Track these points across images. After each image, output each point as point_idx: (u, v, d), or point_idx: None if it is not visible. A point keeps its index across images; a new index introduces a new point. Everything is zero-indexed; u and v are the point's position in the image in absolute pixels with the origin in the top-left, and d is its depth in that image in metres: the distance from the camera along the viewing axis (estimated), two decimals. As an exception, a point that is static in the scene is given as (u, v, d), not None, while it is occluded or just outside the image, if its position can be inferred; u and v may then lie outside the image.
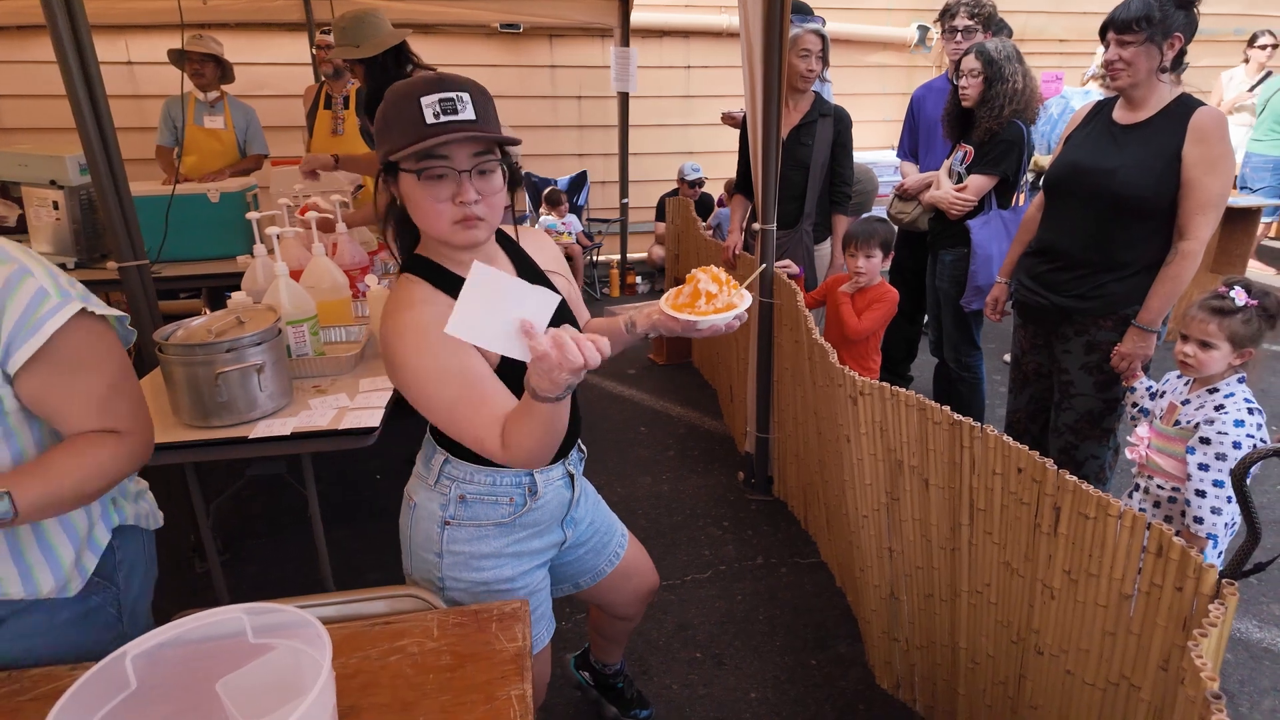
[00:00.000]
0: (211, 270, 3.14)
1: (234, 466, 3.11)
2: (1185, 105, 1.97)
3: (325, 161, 2.92)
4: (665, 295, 1.23)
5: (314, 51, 3.91)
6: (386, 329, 1.14)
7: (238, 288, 2.20)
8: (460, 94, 1.08)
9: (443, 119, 1.07)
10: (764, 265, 1.51)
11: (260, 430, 1.77)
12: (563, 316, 1.35)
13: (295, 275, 2.21)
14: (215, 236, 3.19)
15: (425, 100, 1.06)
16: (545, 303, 0.94)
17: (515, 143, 1.13)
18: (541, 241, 1.41)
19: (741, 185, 3.18)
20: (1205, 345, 1.70)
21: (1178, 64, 1.99)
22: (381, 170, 1.14)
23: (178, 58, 3.67)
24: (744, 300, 1.18)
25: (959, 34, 3.11)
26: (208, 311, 2.14)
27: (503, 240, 1.33)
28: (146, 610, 1.26)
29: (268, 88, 4.87)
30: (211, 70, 3.85)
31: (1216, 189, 1.94)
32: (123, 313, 1.12)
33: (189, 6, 4.25)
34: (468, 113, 1.08)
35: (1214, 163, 1.92)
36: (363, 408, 1.88)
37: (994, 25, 3.17)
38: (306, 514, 2.02)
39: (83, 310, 1.03)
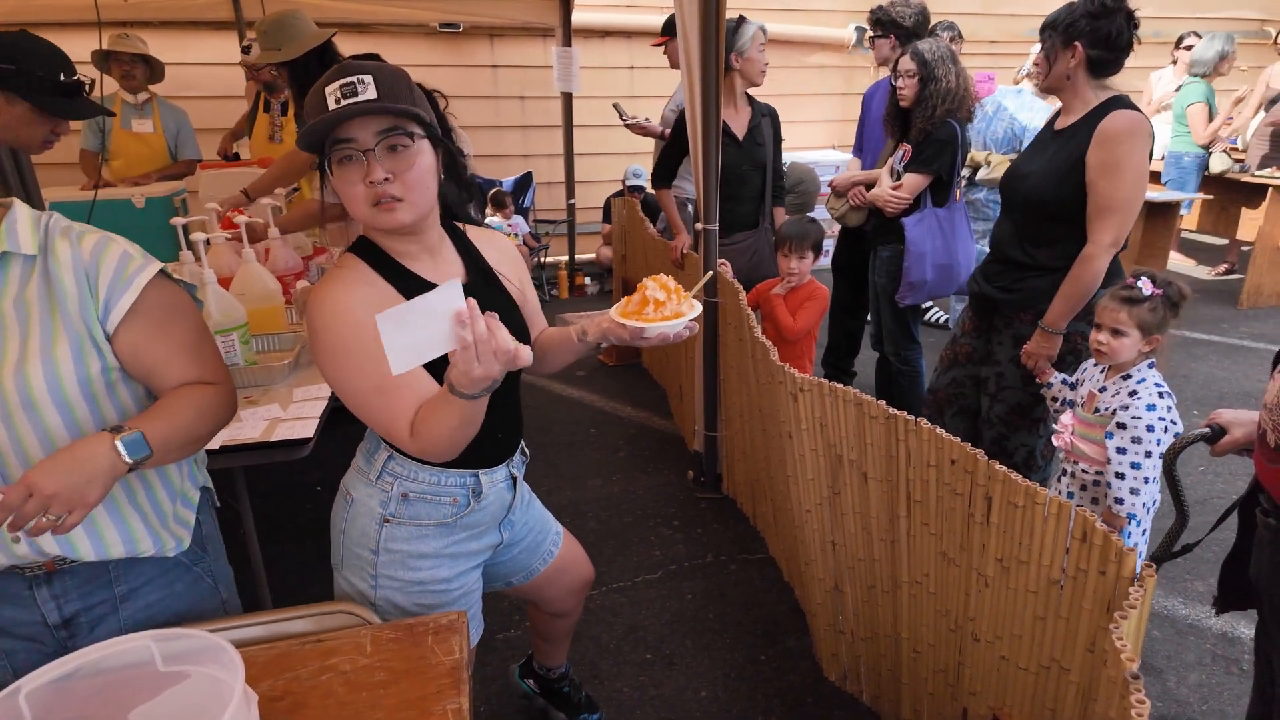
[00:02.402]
0: (137, 279, 3.01)
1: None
2: (1104, 111, 1.99)
3: (237, 200, 2.84)
4: (615, 305, 1.23)
5: (244, 67, 3.80)
6: (313, 298, 1.14)
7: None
8: (361, 77, 1.07)
9: (343, 103, 1.06)
10: (710, 272, 1.49)
11: (187, 445, 1.70)
12: (512, 321, 1.32)
13: (225, 282, 2.14)
14: (141, 244, 3.04)
15: (329, 89, 1.07)
16: (453, 293, 0.91)
17: (416, 117, 1.11)
18: (497, 243, 1.39)
19: (667, 178, 3.17)
20: (1116, 333, 1.78)
21: (1100, 71, 2.02)
22: (319, 167, 1.15)
23: (102, 60, 3.51)
24: (693, 309, 1.18)
25: (874, 41, 3.23)
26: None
27: (454, 234, 1.32)
28: (232, 580, 1.37)
29: (196, 89, 4.69)
30: (142, 71, 3.69)
31: (1113, 193, 1.95)
32: (191, 283, 1.21)
33: (109, 4, 4.07)
34: (368, 93, 1.07)
35: (1109, 167, 1.94)
36: (296, 418, 1.82)
37: (903, 33, 3.23)
38: (240, 531, 1.95)
39: (162, 271, 1.13)
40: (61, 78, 1.68)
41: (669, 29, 3.98)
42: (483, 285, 1.30)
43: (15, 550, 1.05)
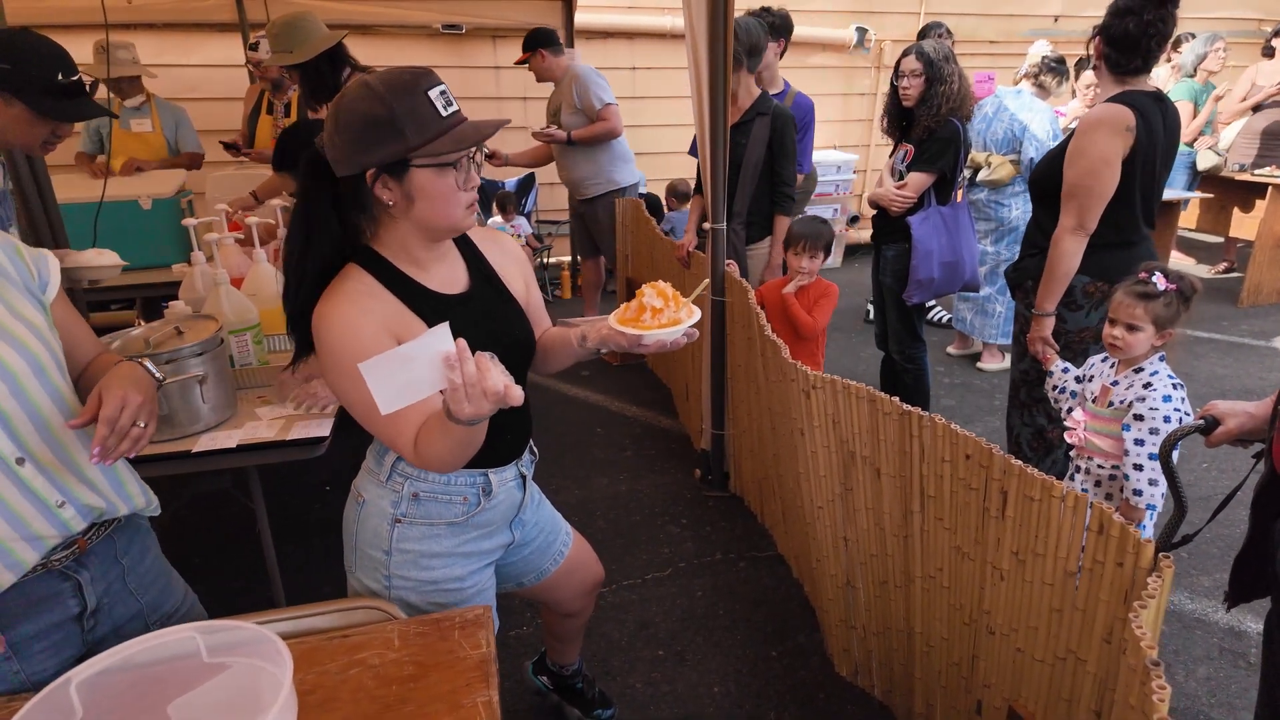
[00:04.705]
0: (145, 280, 3.02)
1: (177, 482, 3.00)
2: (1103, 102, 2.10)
3: (246, 202, 2.86)
4: (615, 311, 1.24)
5: (249, 67, 3.82)
6: (319, 314, 1.15)
7: (173, 297, 2.12)
8: (445, 86, 1.14)
9: (449, 111, 1.12)
10: (706, 280, 1.49)
11: (204, 444, 1.71)
12: (516, 325, 1.34)
13: (235, 283, 2.15)
14: (148, 245, 3.06)
15: (433, 93, 1.11)
16: (441, 335, 0.93)
17: (506, 122, 1.20)
18: (501, 244, 1.40)
19: (700, 186, 3.20)
20: (1132, 328, 1.80)
21: (1115, 67, 2.10)
22: (378, 171, 1.12)
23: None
24: (691, 315, 1.19)
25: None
26: (142, 323, 2.06)
27: (459, 237, 1.33)
28: None
29: (199, 90, 4.70)
30: (130, 82, 3.72)
31: (1073, 179, 2.11)
32: None
33: (113, 5, 4.07)
34: (455, 103, 1.14)
35: (1074, 154, 2.10)
36: (311, 417, 1.84)
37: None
38: (254, 530, 1.96)
39: None
40: (60, 78, 1.63)
41: (530, 43, 3.98)
42: (486, 289, 1.31)
43: (62, 516, 1.05)
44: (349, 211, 1.19)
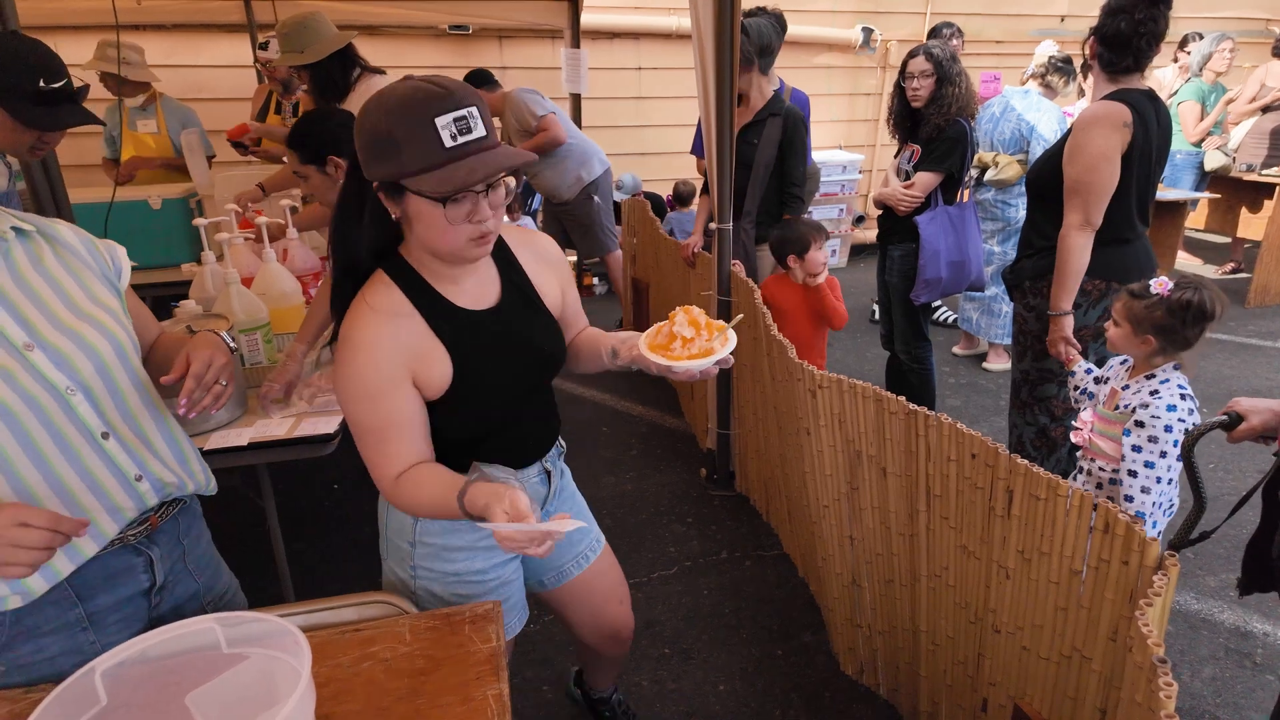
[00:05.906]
0: (155, 279, 3.05)
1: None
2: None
3: (254, 195, 2.88)
4: (646, 332, 1.23)
5: (258, 67, 3.85)
6: (348, 323, 1.16)
7: (183, 296, 2.14)
8: (470, 110, 1.03)
9: (460, 140, 1.03)
10: (741, 315, 1.46)
11: (215, 442, 1.73)
12: (545, 337, 1.33)
13: (245, 282, 2.16)
14: (158, 244, 3.09)
15: (440, 121, 1.01)
16: (559, 529, 1.03)
17: (531, 159, 1.14)
18: (536, 247, 1.36)
19: (707, 186, 3.21)
20: (1115, 323, 1.83)
21: (1108, 66, 2.13)
22: (380, 185, 1.09)
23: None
24: (725, 344, 1.15)
25: None
26: (154, 321, 2.08)
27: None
28: None
29: (207, 91, 4.73)
30: (134, 83, 3.75)
31: (1073, 175, 2.12)
32: None
33: (123, 7, 4.09)
34: (479, 129, 1.04)
35: (1072, 151, 2.12)
36: (320, 414, 1.85)
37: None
38: (263, 527, 1.98)
39: None
40: (42, 84, 1.58)
41: None
42: (518, 302, 1.29)
43: (139, 489, 1.10)
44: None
